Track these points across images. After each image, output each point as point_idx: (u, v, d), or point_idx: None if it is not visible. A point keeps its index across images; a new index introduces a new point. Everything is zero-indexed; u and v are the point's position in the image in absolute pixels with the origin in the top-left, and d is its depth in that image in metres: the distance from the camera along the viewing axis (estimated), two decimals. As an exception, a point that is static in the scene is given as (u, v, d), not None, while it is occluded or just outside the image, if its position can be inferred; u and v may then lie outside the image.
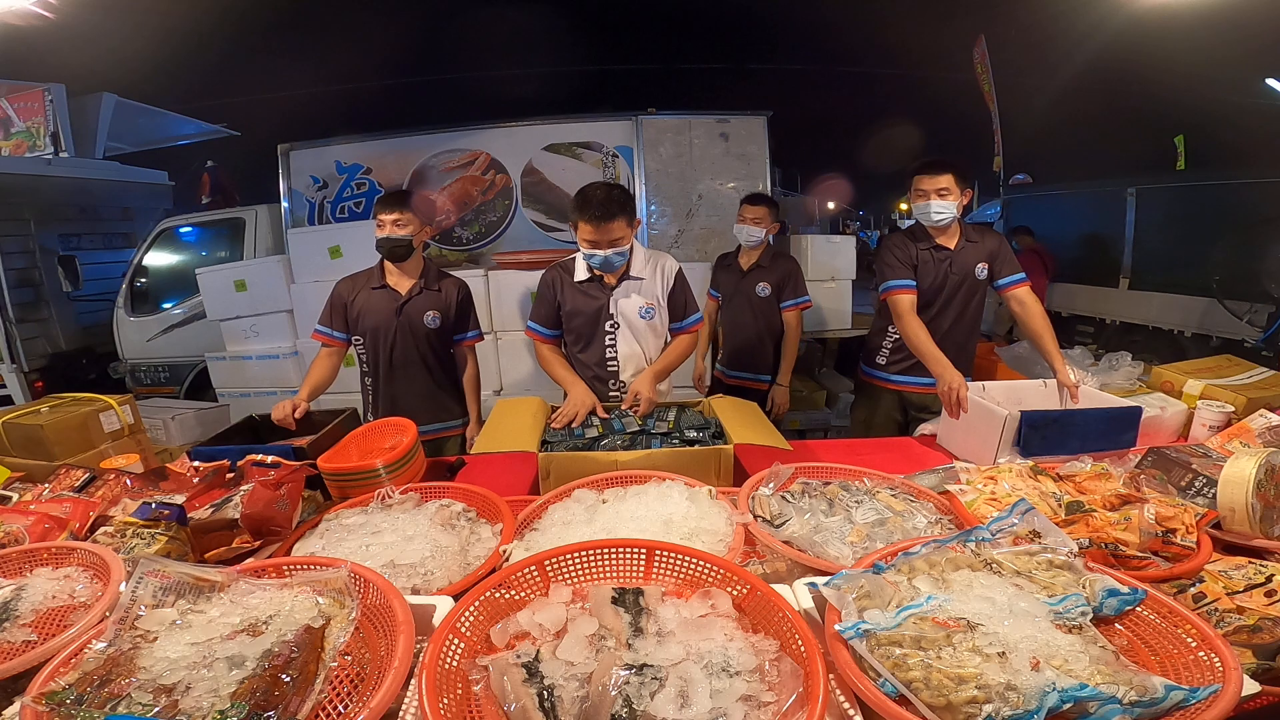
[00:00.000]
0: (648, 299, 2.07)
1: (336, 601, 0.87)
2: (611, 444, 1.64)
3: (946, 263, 2.26)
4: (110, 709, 0.71)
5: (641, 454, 1.51)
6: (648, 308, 2.07)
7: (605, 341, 2.08)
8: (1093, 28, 6.52)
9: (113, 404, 2.38)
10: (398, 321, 2.22)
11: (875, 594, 0.85)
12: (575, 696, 0.74)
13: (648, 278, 2.08)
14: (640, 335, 2.09)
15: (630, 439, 1.63)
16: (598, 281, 2.06)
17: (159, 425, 3.49)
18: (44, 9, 3.58)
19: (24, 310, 4.98)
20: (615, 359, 2.09)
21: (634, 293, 2.06)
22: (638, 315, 2.07)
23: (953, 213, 2.17)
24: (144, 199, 6.09)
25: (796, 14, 11.32)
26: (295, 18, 9.18)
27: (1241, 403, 1.80)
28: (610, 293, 2.05)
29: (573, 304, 2.08)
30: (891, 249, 2.32)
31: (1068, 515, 1.18)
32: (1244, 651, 0.87)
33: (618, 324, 2.07)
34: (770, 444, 1.61)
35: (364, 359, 2.30)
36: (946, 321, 2.29)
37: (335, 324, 2.24)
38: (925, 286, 2.27)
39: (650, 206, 4.65)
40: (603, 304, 2.06)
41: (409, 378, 2.26)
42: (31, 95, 5.69)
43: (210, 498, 1.35)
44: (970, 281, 2.28)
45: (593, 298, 2.06)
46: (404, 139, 4.87)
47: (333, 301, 2.25)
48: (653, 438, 1.64)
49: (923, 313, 2.25)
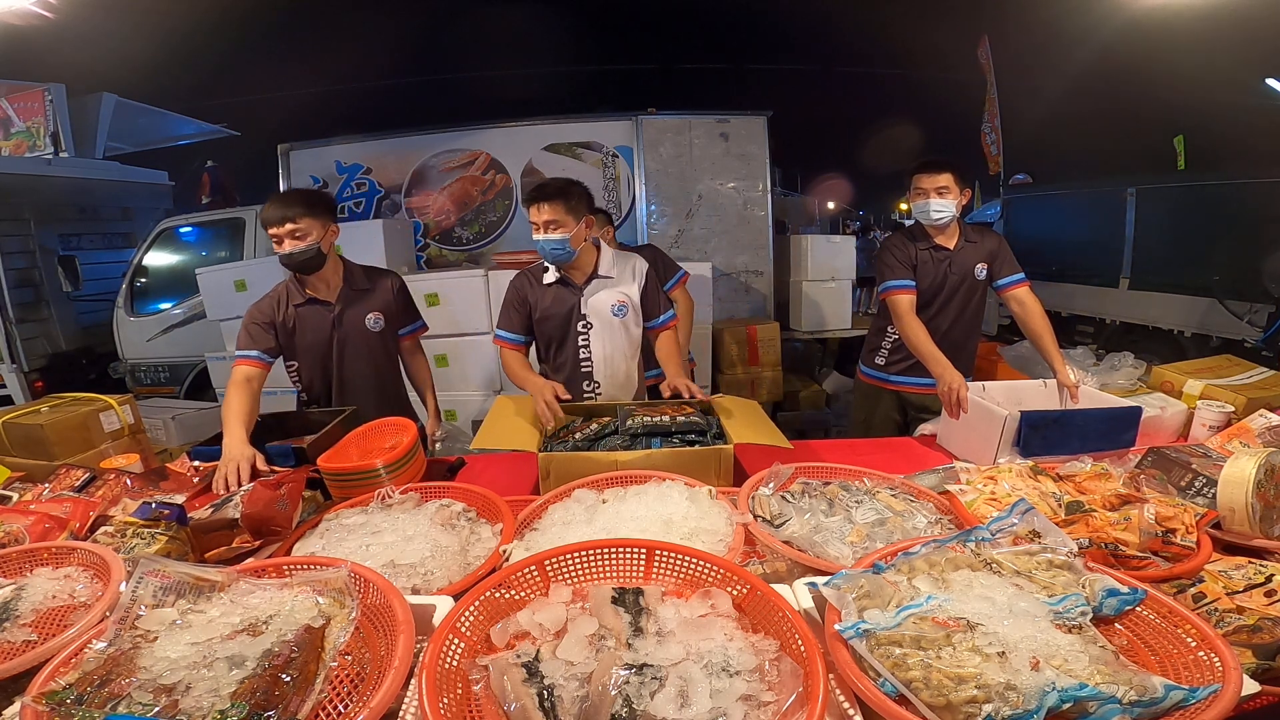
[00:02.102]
0: (619, 297, 2.07)
1: (336, 601, 0.87)
2: (611, 444, 1.64)
3: (946, 263, 2.26)
4: (110, 709, 0.71)
5: (641, 454, 1.50)
6: (620, 305, 2.07)
7: (578, 342, 2.08)
8: (1093, 28, 6.52)
9: (113, 404, 2.38)
10: (338, 335, 2.03)
11: (875, 594, 0.85)
12: (575, 696, 0.74)
13: (617, 276, 2.08)
14: (613, 333, 2.08)
15: (630, 439, 1.63)
16: (566, 283, 2.06)
17: (159, 425, 3.49)
18: (44, 9, 3.58)
19: (24, 310, 4.99)
20: (589, 359, 2.09)
21: (604, 290, 2.06)
22: (610, 313, 2.06)
23: (952, 212, 2.17)
24: (144, 199, 6.09)
25: (796, 14, 11.31)
26: (295, 18, 9.18)
27: (1241, 403, 1.80)
28: (580, 292, 2.05)
29: (543, 307, 2.07)
30: (891, 249, 2.32)
31: (1068, 515, 1.18)
32: (1244, 651, 0.87)
33: (590, 324, 2.07)
34: (771, 443, 1.61)
35: (300, 383, 2.10)
36: (946, 321, 2.29)
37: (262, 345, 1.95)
38: (925, 286, 2.26)
39: (650, 206, 4.66)
40: (573, 304, 2.05)
41: (360, 390, 2.07)
42: (31, 95, 5.69)
43: (210, 498, 1.35)
44: (970, 281, 2.28)
45: (563, 299, 2.06)
46: (404, 139, 4.87)
47: (256, 320, 1.97)
48: (652, 438, 1.64)
49: (922, 313, 2.25)
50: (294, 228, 1.87)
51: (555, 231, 1.92)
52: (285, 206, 1.87)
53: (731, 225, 4.71)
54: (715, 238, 4.68)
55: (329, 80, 10.23)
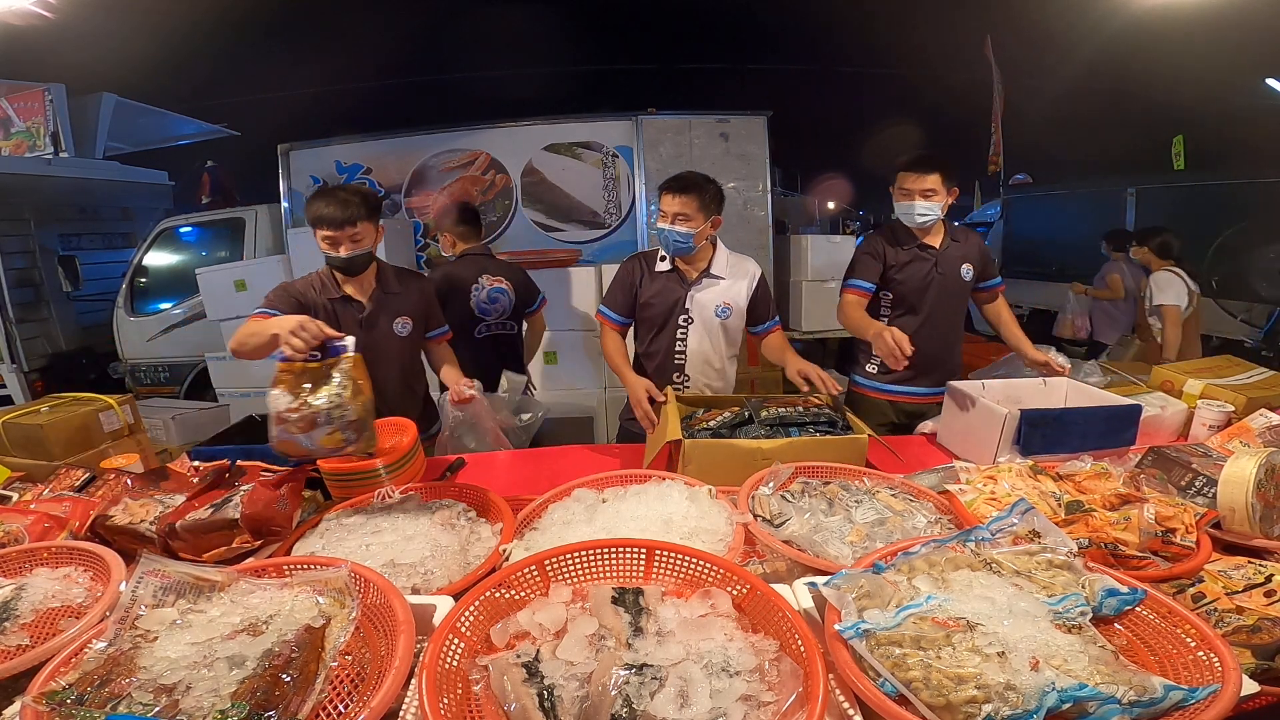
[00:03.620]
0: (726, 299, 2.08)
1: (337, 601, 0.87)
2: (749, 433, 1.64)
3: (933, 262, 2.22)
4: (110, 709, 0.71)
5: (783, 442, 1.51)
6: (724, 307, 2.08)
7: (676, 335, 2.09)
8: (1093, 28, 6.52)
9: (113, 404, 2.38)
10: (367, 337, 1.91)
11: (875, 594, 0.85)
12: (575, 696, 0.74)
13: (728, 278, 2.09)
14: (713, 333, 2.10)
15: (770, 428, 1.64)
16: (677, 274, 2.07)
17: (159, 425, 3.49)
18: (44, 9, 3.59)
19: (24, 310, 4.99)
20: (684, 353, 2.10)
21: (712, 289, 2.08)
22: (713, 313, 2.08)
23: (937, 214, 2.14)
24: (144, 199, 6.10)
25: (796, 14, 11.30)
26: (296, 18, 9.17)
27: (1241, 402, 1.80)
28: (689, 287, 2.06)
29: (650, 293, 2.09)
30: (868, 247, 2.27)
31: (1067, 515, 1.18)
32: (1243, 651, 0.87)
33: (691, 319, 2.08)
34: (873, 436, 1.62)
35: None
36: (935, 321, 2.25)
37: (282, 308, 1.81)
38: (913, 287, 2.23)
39: (650, 206, 4.65)
40: (680, 297, 2.07)
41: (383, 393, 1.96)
42: (31, 95, 5.69)
43: (210, 498, 1.35)
44: (957, 282, 2.25)
45: (670, 290, 2.08)
46: (404, 139, 4.87)
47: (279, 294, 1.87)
48: (789, 427, 1.64)
49: (911, 314, 2.23)
50: (354, 231, 1.80)
51: (682, 224, 1.94)
52: (347, 208, 1.78)
53: (731, 225, 4.66)
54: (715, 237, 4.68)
55: (329, 80, 10.23)
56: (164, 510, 1.28)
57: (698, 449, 1.50)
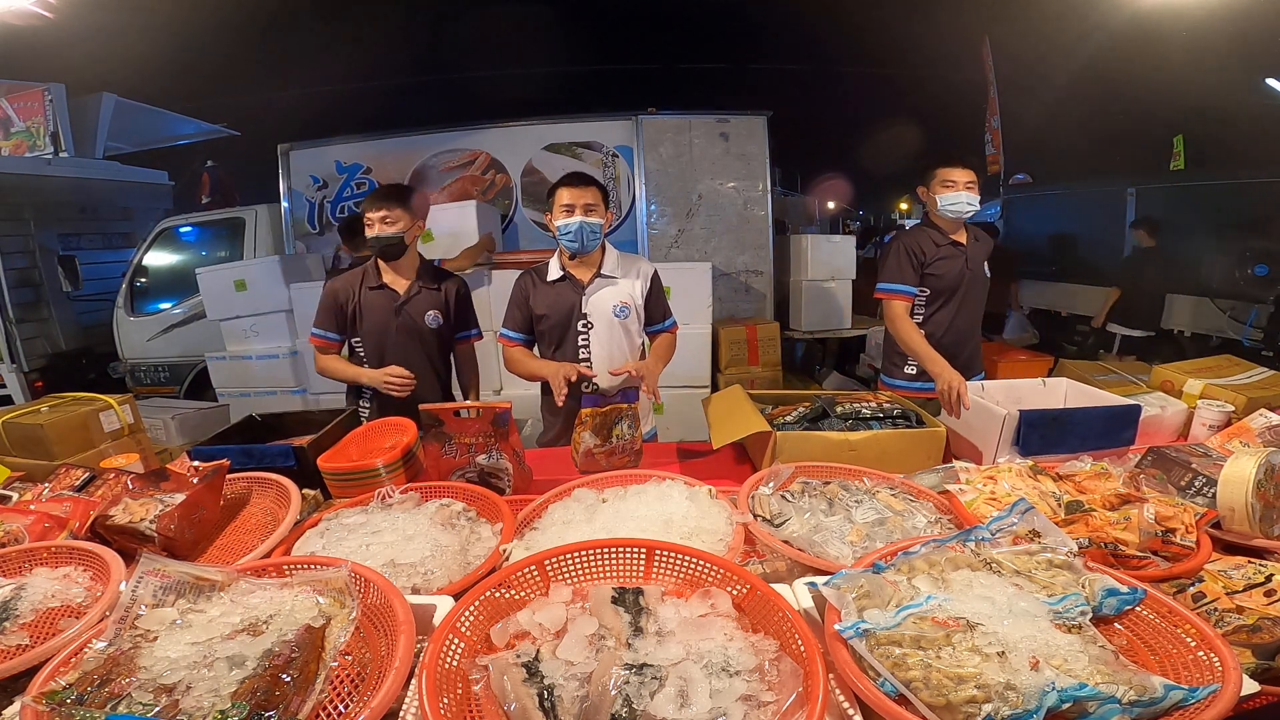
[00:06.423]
0: (622, 298, 2.07)
1: (337, 601, 0.87)
2: (831, 425, 1.68)
3: (963, 258, 2.27)
4: (110, 709, 0.71)
5: (869, 434, 1.58)
6: (623, 306, 2.06)
7: (578, 342, 2.07)
8: (1092, 28, 6.52)
9: (113, 404, 2.38)
10: (397, 322, 2.18)
11: (875, 594, 0.85)
12: (575, 696, 0.74)
13: (621, 278, 2.08)
14: (614, 334, 2.07)
15: (854, 422, 1.69)
16: (569, 281, 2.06)
17: (159, 425, 3.49)
18: (44, 9, 3.59)
19: (24, 310, 5.00)
20: (589, 360, 2.07)
21: (606, 289, 2.06)
22: (612, 314, 2.06)
23: (977, 206, 2.21)
24: (144, 199, 6.10)
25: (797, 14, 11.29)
26: (295, 18, 9.16)
27: (1241, 402, 1.80)
28: (582, 292, 2.05)
29: (544, 305, 2.07)
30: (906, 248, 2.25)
31: (1067, 515, 1.18)
32: (1243, 651, 0.87)
33: (590, 323, 2.06)
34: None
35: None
36: (963, 316, 2.30)
37: (329, 326, 2.19)
38: (947, 283, 2.26)
39: (650, 206, 4.66)
40: (575, 302, 2.05)
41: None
42: (31, 95, 5.69)
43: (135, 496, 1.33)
44: (982, 277, 2.31)
45: (565, 297, 2.06)
46: (404, 139, 4.88)
47: (325, 303, 2.19)
48: (869, 421, 1.70)
49: (943, 310, 2.26)
50: (386, 214, 2.08)
51: (594, 215, 1.96)
52: (384, 198, 2.10)
53: (731, 225, 4.71)
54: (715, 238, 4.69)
55: (329, 80, 10.21)
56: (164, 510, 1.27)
57: (789, 440, 1.56)
